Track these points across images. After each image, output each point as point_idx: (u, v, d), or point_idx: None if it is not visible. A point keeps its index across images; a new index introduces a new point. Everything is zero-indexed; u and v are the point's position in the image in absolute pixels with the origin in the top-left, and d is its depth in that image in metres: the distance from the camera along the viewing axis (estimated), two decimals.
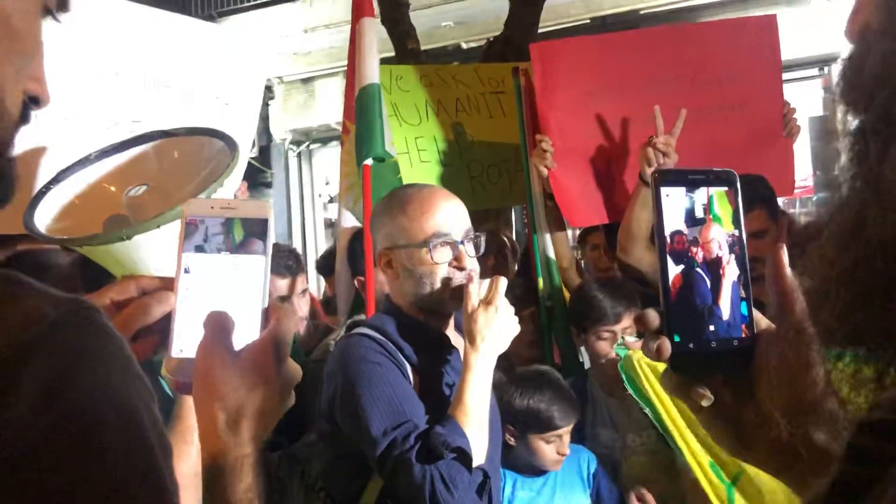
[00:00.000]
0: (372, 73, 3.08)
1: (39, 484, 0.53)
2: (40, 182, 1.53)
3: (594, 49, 3.25)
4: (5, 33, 0.66)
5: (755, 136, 3.01)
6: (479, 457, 1.72)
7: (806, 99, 8.24)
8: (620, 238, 2.87)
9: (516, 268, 3.74)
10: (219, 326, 0.89)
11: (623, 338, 2.45)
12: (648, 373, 2.17)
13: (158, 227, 1.26)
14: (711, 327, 0.73)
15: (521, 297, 2.81)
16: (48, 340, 0.57)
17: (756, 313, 0.75)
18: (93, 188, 1.50)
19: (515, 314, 1.84)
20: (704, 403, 0.73)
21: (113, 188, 1.50)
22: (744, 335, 0.74)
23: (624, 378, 2.23)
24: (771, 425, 0.70)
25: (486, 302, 1.79)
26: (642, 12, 8.88)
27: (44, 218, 1.43)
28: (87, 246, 1.37)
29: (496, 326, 1.77)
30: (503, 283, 1.82)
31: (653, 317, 0.74)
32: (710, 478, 2.08)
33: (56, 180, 1.49)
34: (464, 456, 1.68)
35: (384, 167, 3.04)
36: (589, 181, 3.09)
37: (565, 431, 2.42)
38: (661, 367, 2.18)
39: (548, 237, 3.16)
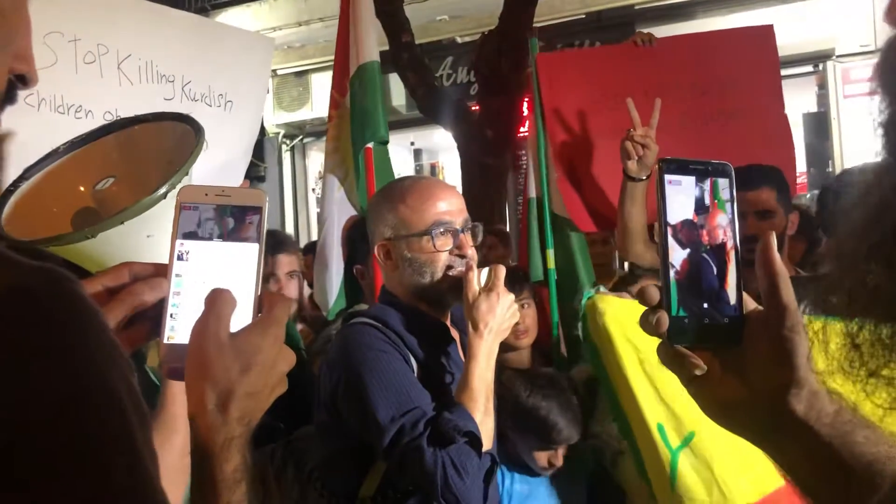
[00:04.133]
0: (370, 49, 3.01)
1: (10, 458, 0.52)
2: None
3: (598, 60, 3.41)
4: None
5: (755, 141, 3.02)
6: (486, 442, 1.73)
7: (800, 96, 8.28)
8: (618, 237, 2.89)
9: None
10: (220, 304, 0.88)
11: (599, 287, 2.38)
12: (609, 321, 2.07)
13: (122, 223, 1.23)
14: (706, 305, 0.81)
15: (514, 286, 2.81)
16: (14, 308, 0.55)
17: (745, 295, 0.83)
18: (61, 183, 1.46)
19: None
20: (697, 373, 0.81)
21: (80, 181, 1.47)
22: (735, 313, 0.82)
23: (580, 322, 2.17)
24: (754, 397, 0.78)
25: (487, 289, 1.80)
26: (637, 7, 8.88)
27: (12, 217, 1.38)
28: (54, 246, 1.32)
29: (498, 313, 1.79)
30: (503, 270, 1.84)
31: (653, 292, 0.81)
32: (656, 440, 2.01)
33: (24, 177, 1.44)
34: (474, 441, 1.69)
35: (382, 151, 3.01)
36: (595, 188, 3.14)
37: (561, 447, 2.38)
38: (623, 318, 2.06)
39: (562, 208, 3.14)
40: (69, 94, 2.40)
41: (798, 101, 8.18)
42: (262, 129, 10.98)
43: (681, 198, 0.82)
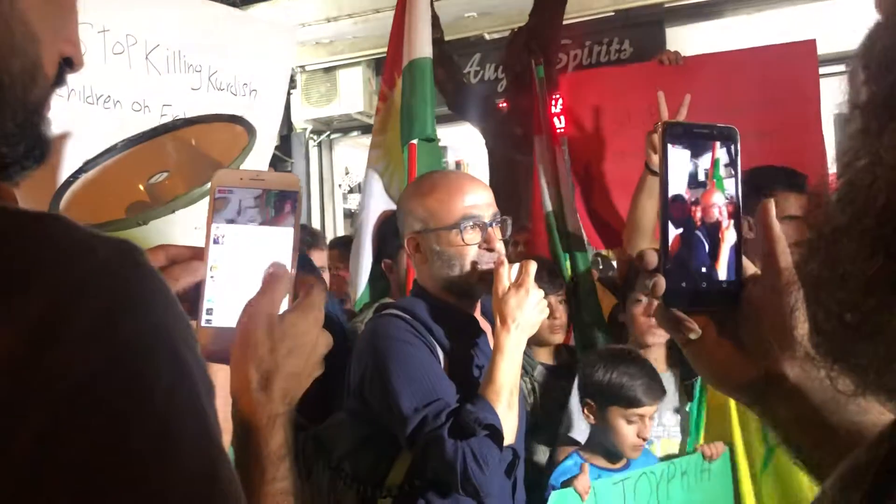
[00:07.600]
0: (423, 45, 3.00)
1: (87, 420, 0.53)
2: (66, 167, 1.52)
3: (621, 80, 3.42)
4: None
5: (791, 160, 2.91)
6: (508, 436, 1.74)
7: (830, 95, 8.14)
8: (625, 231, 2.88)
9: None
10: (275, 285, 0.90)
11: None
12: None
13: (173, 211, 1.27)
14: (703, 269, 0.82)
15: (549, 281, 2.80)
16: (97, 277, 0.57)
17: (745, 260, 0.83)
18: (117, 176, 1.50)
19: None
20: (692, 336, 0.82)
21: (136, 176, 1.51)
22: (733, 278, 0.82)
23: None
24: (748, 361, 0.78)
25: (517, 285, 1.81)
26: (667, 6, 8.82)
27: (69, 207, 1.42)
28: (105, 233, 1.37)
29: (526, 309, 1.79)
30: (534, 266, 1.84)
31: (651, 256, 0.83)
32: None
33: (83, 170, 1.49)
34: (495, 434, 1.70)
35: (430, 148, 3.00)
36: (614, 207, 3.16)
37: (648, 412, 2.35)
38: None
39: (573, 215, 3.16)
40: (98, 85, 2.43)
41: (829, 101, 8.07)
42: (290, 125, 11.07)
43: (683, 164, 0.82)
